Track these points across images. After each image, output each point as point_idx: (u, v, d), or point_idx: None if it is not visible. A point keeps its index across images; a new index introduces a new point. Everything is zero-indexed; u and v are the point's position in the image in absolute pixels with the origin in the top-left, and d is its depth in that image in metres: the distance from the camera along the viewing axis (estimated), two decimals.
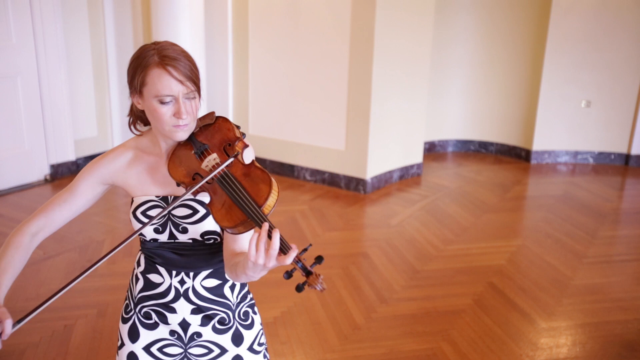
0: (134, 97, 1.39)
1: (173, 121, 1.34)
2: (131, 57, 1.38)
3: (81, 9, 5.49)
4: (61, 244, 4.00)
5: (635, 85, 6.33)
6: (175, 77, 1.31)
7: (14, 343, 2.83)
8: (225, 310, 1.50)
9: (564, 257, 4.06)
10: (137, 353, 1.51)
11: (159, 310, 1.49)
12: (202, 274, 1.47)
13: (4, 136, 5.00)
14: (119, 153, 1.48)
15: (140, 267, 1.53)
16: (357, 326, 3.09)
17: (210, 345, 1.50)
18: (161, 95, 1.31)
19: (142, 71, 1.32)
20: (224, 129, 1.43)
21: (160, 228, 1.43)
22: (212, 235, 1.44)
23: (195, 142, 1.41)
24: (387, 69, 5.18)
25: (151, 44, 1.37)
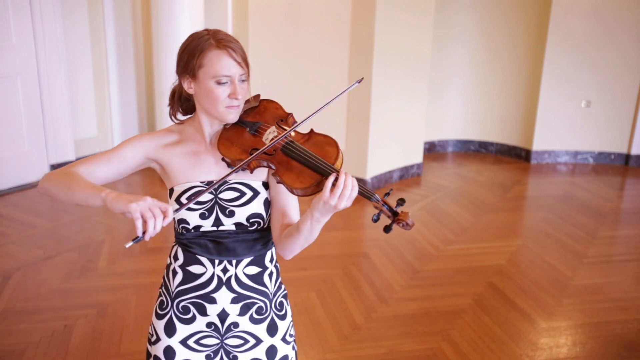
0: (185, 81, 1.43)
1: (227, 102, 1.40)
2: (182, 44, 1.43)
3: (81, 9, 5.49)
4: (61, 244, 4.00)
5: (635, 85, 6.33)
6: (234, 58, 1.37)
7: (14, 343, 2.83)
8: (263, 299, 1.52)
9: (564, 257, 4.06)
10: (174, 347, 1.51)
11: (198, 302, 1.49)
12: (244, 262, 1.49)
13: (4, 136, 5.00)
14: (166, 133, 1.52)
15: (179, 261, 1.52)
16: (357, 326, 3.09)
17: (246, 335, 1.52)
18: (220, 76, 1.37)
19: (200, 53, 1.37)
20: (271, 108, 1.50)
21: (206, 213, 1.43)
22: (257, 218, 1.46)
23: (246, 122, 1.47)
24: (387, 69, 5.18)
25: (202, 30, 1.42)
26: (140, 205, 1.22)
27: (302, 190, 1.34)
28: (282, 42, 5.52)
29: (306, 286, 3.49)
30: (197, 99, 1.45)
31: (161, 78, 5.36)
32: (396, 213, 1.31)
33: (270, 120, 1.47)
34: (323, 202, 1.28)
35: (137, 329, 3.00)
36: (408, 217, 1.30)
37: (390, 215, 1.32)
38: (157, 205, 1.24)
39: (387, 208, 1.32)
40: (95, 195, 1.30)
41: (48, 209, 4.74)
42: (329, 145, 1.38)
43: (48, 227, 4.31)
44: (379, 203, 1.31)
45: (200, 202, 1.43)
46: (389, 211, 1.32)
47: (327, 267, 3.74)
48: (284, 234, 1.45)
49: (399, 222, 1.30)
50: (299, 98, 5.49)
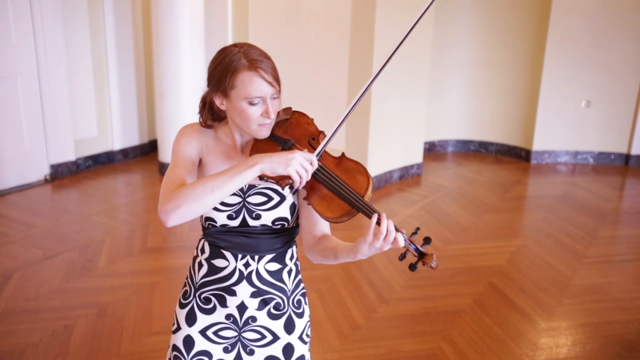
0: (217, 98, 1.44)
1: (260, 120, 1.41)
2: (213, 59, 1.43)
3: (81, 9, 5.48)
4: (61, 244, 4.00)
5: (635, 85, 6.33)
6: (265, 79, 1.37)
7: (14, 343, 2.83)
8: (281, 296, 1.56)
9: (564, 257, 4.06)
10: (193, 336, 1.56)
11: (219, 293, 1.54)
12: (266, 257, 1.53)
13: (4, 136, 5.00)
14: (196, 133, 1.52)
15: (205, 254, 1.56)
16: (357, 326, 3.09)
17: (264, 330, 1.56)
18: (252, 97, 1.37)
19: (232, 74, 1.37)
20: (302, 122, 1.50)
21: (234, 215, 1.48)
22: (282, 221, 1.50)
23: (277, 138, 1.47)
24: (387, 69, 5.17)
25: (231, 46, 1.42)
26: (295, 166, 1.30)
27: (332, 219, 1.36)
28: (282, 42, 5.52)
29: (306, 286, 3.49)
30: (229, 115, 1.46)
31: (161, 78, 5.37)
32: (423, 254, 1.34)
33: (302, 138, 1.48)
34: (368, 244, 1.32)
35: (137, 329, 3.00)
36: (433, 260, 1.33)
37: (416, 255, 1.35)
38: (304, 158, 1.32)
39: (413, 248, 1.34)
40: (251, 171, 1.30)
41: (48, 209, 4.75)
42: (359, 173, 1.39)
43: (48, 227, 4.31)
44: (405, 242, 1.33)
45: (228, 204, 1.47)
46: (415, 251, 1.34)
47: (327, 267, 3.74)
48: (318, 250, 1.50)
49: (424, 263, 1.33)
50: (298, 98, 5.49)
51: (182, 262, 3.79)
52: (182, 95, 5.37)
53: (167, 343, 2.88)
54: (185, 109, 5.41)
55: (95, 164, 5.90)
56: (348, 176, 1.38)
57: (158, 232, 4.27)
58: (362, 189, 1.35)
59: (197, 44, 5.35)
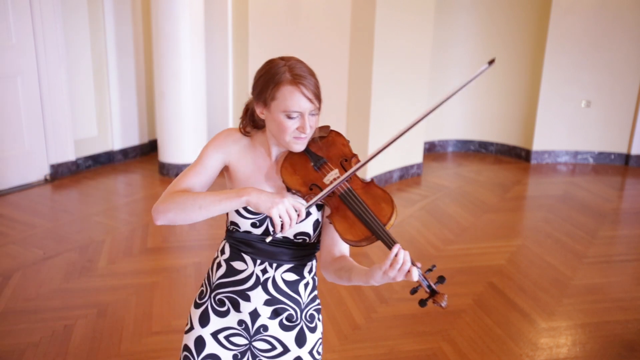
0: (258, 106, 1.48)
1: (295, 134, 1.44)
2: (259, 69, 1.47)
3: (81, 9, 5.48)
4: (61, 244, 4.00)
5: (635, 85, 6.33)
6: (305, 95, 1.40)
7: (14, 343, 2.83)
8: (294, 307, 1.56)
9: (564, 257, 4.06)
10: (204, 337, 1.57)
11: (233, 297, 1.54)
12: (283, 267, 1.53)
13: (4, 136, 5.00)
14: (241, 136, 1.56)
15: (225, 255, 1.58)
16: (357, 326, 3.09)
17: (274, 341, 1.56)
18: (290, 111, 1.41)
19: (274, 86, 1.41)
20: (338, 143, 1.53)
21: (257, 223, 1.50)
22: (304, 236, 1.51)
23: (311, 154, 1.50)
24: (387, 69, 5.18)
25: (279, 59, 1.46)
26: (280, 210, 1.33)
27: (351, 242, 1.38)
28: (282, 42, 5.52)
29: None
30: (267, 125, 1.49)
31: (161, 78, 5.37)
32: (434, 292, 1.36)
33: (335, 158, 1.50)
34: (383, 272, 1.33)
35: (137, 329, 3.00)
36: (444, 300, 1.35)
37: (427, 292, 1.37)
38: (292, 205, 1.35)
39: (426, 284, 1.37)
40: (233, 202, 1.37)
41: (48, 209, 4.75)
42: (385, 202, 1.40)
43: (48, 227, 4.31)
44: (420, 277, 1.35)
45: (254, 212, 1.49)
46: (427, 287, 1.37)
47: None
48: (334, 269, 1.51)
49: (434, 301, 1.35)
50: None
51: (182, 262, 3.79)
52: (182, 95, 5.37)
53: (167, 343, 2.88)
54: (185, 109, 5.41)
55: (95, 164, 5.90)
56: (374, 202, 1.40)
57: (158, 232, 4.27)
58: (385, 217, 1.37)
59: (197, 44, 5.35)
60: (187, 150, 5.53)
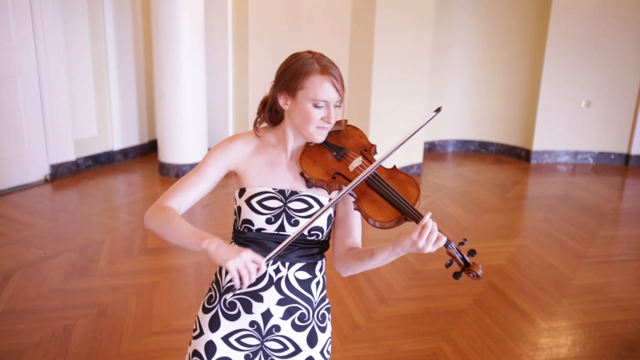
0: (281, 97, 1.51)
1: (319, 123, 1.47)
2: (285, 61, 1.51)
3: (81, 9, 5.48)
4: (61, 244, 4.00)
5: (635, 85, 6.33)
6: (334, 85, 1.45)
7: (14, 343, 2.83)
8: (307, 307, 1.56)
9: (564, 257, 4.06)
10: (215, 342, 1.55)
11: (245, 298, 1.53)
12: (296, 265, 1.54)
13: (4, 136, 5.00)
14: (247, 140, 1.58)
15: None
16: (357, 326, 3.09)
17: (286, 341, 1.55)
18: (318, 100, 1.44)
19: (304, 76, 1.45)
20: (355, 135, 1.58)
21: (272, 219, 1.50)
22: (318, 231, 1.52)
23: (330, 145, 1.54)
24: (387, 69, 5.18)
25: (306, 52, 1.50)
26: (237, 263, 1.31)
27: (380, 223, 1.41)
28: (282, 42, 5.52)
29: None
30: (289, 115, 1.52)
31: (161, 78, 5.37)
32: (468, 263, 1.39)
33: (354, 148, 1.54)
34: (412, 241, 1.35)
35: (137, 329, 3.00)
36: (479, 268, 1.38)
37: (462, 264, 1.40)
38: (252, 259, 1.34)
39: (460, 257, 1.39)
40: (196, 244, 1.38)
41: (48, 209, 4.75)
42: (410, 185, 1.45)
43: (48, 227, 4.31)
44: (452, 250, 1.38)
45: (269, 208, 1.49)
46: (461, 260, 1.39)
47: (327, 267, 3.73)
48: (351, 255, 1.53)
49: (469, 272, 1.38)
50: None
51: (182, 262, 3.79)
52: (182, 95, 5.37)
53: (167, 343, 2.88)
54: (185, 109, 5.41)
55: (95, 164, 5.90)
56: (400, 186, 1.45)
57: None
58: (412, 198, 1.42)
59: (197, 44, 5.35)
60: (187, 150, 5.53)
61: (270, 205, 1.50)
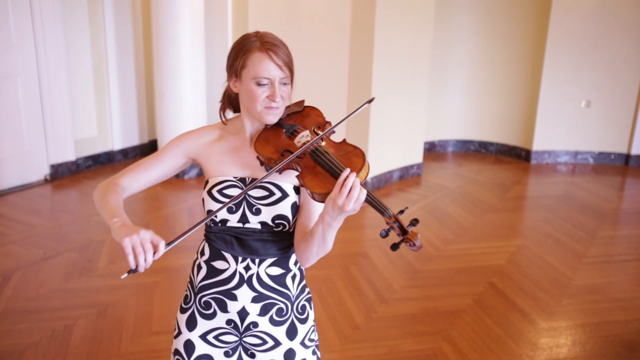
0: (231, 80, 1.49)
1: (266, 103, 1.44)
2: (233, 44, 1.49)
3: (81, 9, 5.48)
4: (61, 244, 4.00)
5: (635, 85, 6.33)
6: (274, 62, 1.41)
7: (14, 343, 2.83)
8: (284, 301, 1.54)
9: (564, 257, 4.06)
10: (193, 341, 1.56)
11: (219, 297, 1.52)
12: (267, 262, 1.51)
13: (4, 136, 5.00)
14: (207, 130, 1.58)
15: (205, 256, 1.56)
16: (357, 326, 3.09)
17: (265, 336, 1.54)
18: (259, 77, 1.41)
19: (244, 54, 1.43)
20: (313, 114, 1.55)
21: (233, 207, 1.48)
22: (282, 220, 1.48)
23: (285, 124, 1.50)
24: (387, 69, 5.18)
25: (253, 32, 1.47)
26: (132, 239, 1.27)
27: (320, 196, 1.35)
28: None
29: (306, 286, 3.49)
30: (240, 98, 1.50)
31: (161, 78, 5.36)
32: (405, 231, 1.30)
33: (309, 126, 1.51)
34: (332, 201, 1.29)
35: (137, 329, 3.00)
36: (417, 238, 1.28)
37: (399, 233, 1.31)
38: (150, 239, 1.29)
39: (397, 225, 1.31)
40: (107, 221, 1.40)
41: (48, 209, 4.75)
42: (356, 156, 1.39)
43: (48, 227, 4.31)
44: (390, 219, 1.30)
45: (229, 196, 1.47)
46: (399, 228, 1.31)
47: (327, 267, 3.74)
48: (302, 240, 1.48)
49: (406, 241, 1.29)
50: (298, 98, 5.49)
51: (182, 262, 3.79)
52: (182, 95, 5.36)
53: (167, 343, 2.88)
54: (185, 109, 5.41)
55: (95, 164, 5.90)
56: (345, 157, 1.40)
57: (158, 232, 4.25)
58: (355, 168, 1.34)
59: (197, 44, 5.35)
60: None
61: (230, 193, 1.47)
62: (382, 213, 1.29)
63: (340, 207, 1.27)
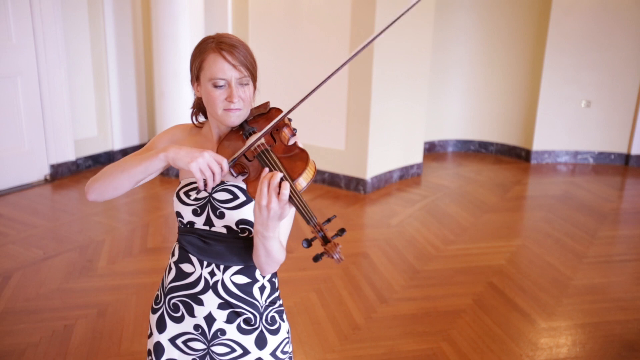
0: (193, 85, 1.48)
1: (225, 105, 1.41)
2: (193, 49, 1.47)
3: (81, 9, 5.49)
4: (61, 244, 4.00)
5: (635, 85, 6.33)
6: (229, 62, 1.38)
7: (14, 343, 2.83)
8: (251, 311, 1.51)
9: (564, 257, 4.06)
10: (163, 343, 1.54)
11: (186, 301, 1.51)
12: (232, 269, 1.48)
13: (4, 136, 5.00)
14: (177, 131, 1.57)
15: (174, 257, 1.56)
16: (357, 326, 3.09)
17: (233, 344, 1.51)
18: (215, 79, 1.39)
19: (200, 56, 1.42)
20: (275, 117, 1.49)
21: (198, 210, 1.46)
22: (247, 225, 1.45)
23: (245, 127, 1.47)
24: (387, 69, 5.18)
25: (213, 35, 1.45)
26: (199, 163, 1.31)
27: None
28: (282, 42, 5.52)
29: (306, 286, 3.49)
30: (204, 102, 1.48)
31: (161, 78, 5.36)
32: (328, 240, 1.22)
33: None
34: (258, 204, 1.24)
35: (137, 329, 3.00)
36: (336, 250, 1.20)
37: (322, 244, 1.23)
38: (214, 159, 1.33)
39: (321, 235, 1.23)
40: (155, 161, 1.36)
41: (48, 209, 4.75)
42: (300, 160, 1.33)
43: (48, 227, 4.31)
44: (315, 228, 1.23)
45: (195, 199, 1.47)
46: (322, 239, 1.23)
47: (327, 267, 3.74)
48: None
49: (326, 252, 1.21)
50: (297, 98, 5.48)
51: None
52: (182, 95, 5.37)
53: None
54: (185, 109, 5.41)
55: (95, 164, 5.90)
56: (289, 161, 1.34)
57: (158, 232, 4.27)
58: (296, 173, 1.28)
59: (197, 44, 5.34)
60: None
61: (196, 195, 1.46)
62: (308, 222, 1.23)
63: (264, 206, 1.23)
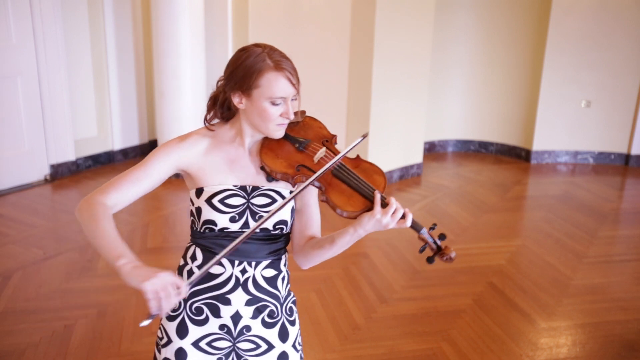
0: (235, 96, 1.43)
1: (279, 120, 1.43)
2: (235, 58, 1.43)
3: (81, 9, 5.48)
4: (61, 244, 4.00)
5: (635, 85, 6.33)
6: (290, 81, 1.41)
7: (14, 343, 2.83)
8: (275, 303, 1.53)
9: (564, 257, 4.06)
10: (185, 349, 1.51)
11: (212, 303, 1.49)
12: (262, 263, 1.50)
13: (4, 136, 5.00)
14: (197, 140, 1.50)
15: (197, 261, 1.51)
16: (357, 326, 3.09)
17: (258, 340, 1.52)
18: (275, 98, 1.39)
19: (257, 74, 1.38)
20: (314, 126, 1.57)
21: (237, 217, 1.45)
22: (282, 225, 1.49)
23: (291, 138, 1.50)
24: (387, 69, 5.18)
25: (253, 46, 1.43)
26: (154, 284, 1.24)
27: (349, 213, 1.41)
28: (282, 42, 5.50)
29: (306, 286, 3.49)
30: (245, 113, 1.45)
31: (161, 78, 5.36)
32: (440, 247, 1.47)
33: (316, 139, 1.52)
34: (375, 219, 1.37)
35: (137, 329, 3.00)
36: (451, 251, 1.45)
37: (434, 249, 1.46)
38: (171, 282, 1.25)
39: (432, 241, 1.46)
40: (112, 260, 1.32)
41: (48, 209, 4.75)
42: (376, 173, 1.46)
43: (48, 227, 4.31)
44: (424, 235, 1.44)
45: (231, 206, 1.44)
46: (433, 244, 1.46)
47: (327, 267, 3.74)
48: (309, 244, 1.52)
49: (442, 255, 1.46)
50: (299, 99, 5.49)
51: None
52: (182, 95, 5.37)
53: None
54: (185, 109, 5.41)
55: (95, 164, 5.90)
56: (367, 175, 1.45)
57: (158, 232, 4.27)
58: (380, 186, 1.43)
59: (197, 44, 5.35)
60: None
61: (232, 202, 1.44)
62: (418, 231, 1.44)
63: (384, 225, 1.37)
